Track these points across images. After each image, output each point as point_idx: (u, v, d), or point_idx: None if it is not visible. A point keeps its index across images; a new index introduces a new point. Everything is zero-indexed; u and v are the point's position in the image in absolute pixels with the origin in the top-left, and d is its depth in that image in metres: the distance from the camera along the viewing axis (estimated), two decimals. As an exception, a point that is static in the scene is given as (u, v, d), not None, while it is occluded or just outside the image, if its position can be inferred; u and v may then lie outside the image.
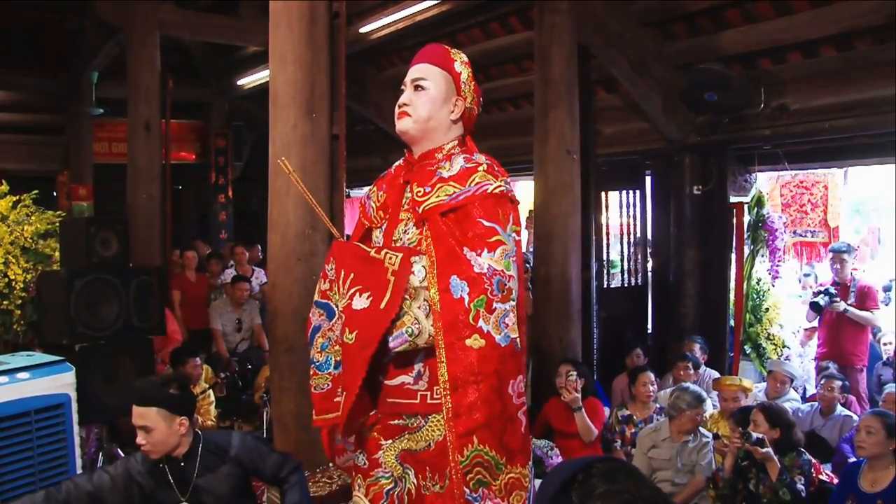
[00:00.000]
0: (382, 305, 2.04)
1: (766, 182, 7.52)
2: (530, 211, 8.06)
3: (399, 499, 2.20)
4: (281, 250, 4.09)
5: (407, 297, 2.05)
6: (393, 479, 2.20)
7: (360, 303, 2.06)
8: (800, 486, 3.85)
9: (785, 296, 7.41)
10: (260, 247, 8.95)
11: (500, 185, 2.16)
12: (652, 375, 5.40)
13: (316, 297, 2.27)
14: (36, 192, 4.33)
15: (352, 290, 2.08)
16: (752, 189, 7.18)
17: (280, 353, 4.13)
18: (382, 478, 2.21)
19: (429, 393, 2.14)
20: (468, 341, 2.00)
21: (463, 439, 2.00)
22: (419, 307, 2.05)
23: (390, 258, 2.09)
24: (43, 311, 3.96)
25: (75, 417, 3.29)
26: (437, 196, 2.15)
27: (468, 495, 2.01)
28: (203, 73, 11.35)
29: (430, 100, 2.24)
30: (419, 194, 2.19)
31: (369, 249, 2.16)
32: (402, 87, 2.31)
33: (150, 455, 2.82)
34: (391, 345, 2.05)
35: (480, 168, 2.18)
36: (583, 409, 4.96)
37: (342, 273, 2.13)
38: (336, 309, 2.22)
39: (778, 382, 5.40)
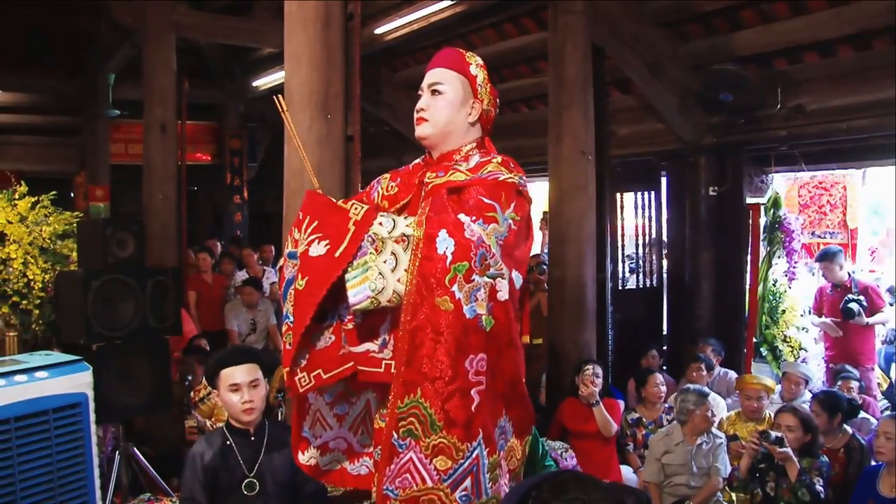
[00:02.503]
0: (337, 254, 2.00)
1: (783, 183, 7.47)
2: (544, 212, 8.03)
3: None
4: (295, 251, 4.08)
5: (372, 250, 2.01)
6: None
7: (317, 250, 2.03)
8: (819, 488, 3.82)
9: (801, 297, 7.35)
10: (273, 248, 8.98)
11: (511, 177, 2.16)
12: (661, 376, 5.40)
13: (289, 248, 2.18)
14: (54, 192, 4.35)
15: (312, 237, 2.06)
16: (768, 190, 7.14)
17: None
18: None
19: (393, 362, 2.13)
20: (438, 300, 1.97)
21: (407, 387, 2.00)
22: (384, 261, 2.00)
23: (356, 209, 2.08)
24: (60, 310, 3.99)
25: (92, 416, 3.30)
26: (448, 178, 2.18)
27: (394, 439, 2.02)
28: (218, 75, 11.41)
29: (447, 104, 2.25)
30: (431, 177, 2.23)
31: (337, 201, 2.15)
32: (419, 92, 2.32)
33: (251, 417, 2.91)
34: (352, 301, 1.99)
35: (494, 160, 2.20)
36: (601, 403, 4.95)
37: (306, 220, 2.10)
38: None
39: (792, 384, 5.36)
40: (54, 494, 3.09)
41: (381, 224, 2.05)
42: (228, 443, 2.92)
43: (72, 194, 11.16)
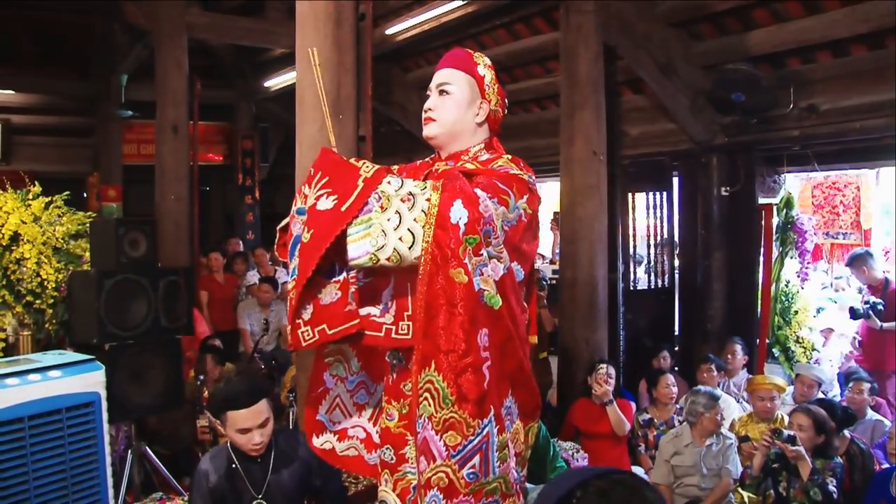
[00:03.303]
0: (343, 208, 2.00)
1: (797, 183, 7.42)
2: (555, 213, 8.03)
3: None
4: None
5: (378, 207, 1.99)
6: None
7: (325, 204, 2.04)
8: (832, 488, 3.80)
9: (814, 298, 7.31)
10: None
11: (521, 173, 2.17)
12: (672, 377, 5.38)
13: (298, 205, 2.18)
14: (67, 193, 4.37)
15: (321, 192, 2.06)
16: (780, 190, 7.10)
17: (306, 354, 4.14)
18: (409, 472, 2.20)
19: (394, 327, 2.15)
20: (452, 272, 1.96)
21: (424, 360, 1.99)
22: (388, 219, 1.98)
23: (367, 167, 2.09)
24: (73, 310, 4.01)
25: (105, 415, 3.32)
26: (458, 166, 2.20)
27: (417, 415, 2.02)
28: (230, 76, 11.45)
29: (455, 104, 2.26)
30: (440, 166, 2.26)
31: (351, 159, 2.16)
32: (427, 92, 2.33)
33: (259, 453, 2.84)
34: (350, 256, 1.99)
35: (504, 157, 2.22)
36: (614, 402, 4.94)
37: (318, 175, 2.11)
38: None
39: (805, 386, 5.33)
40: (67, 493, 3.11)
41: (389, 182, 2.05)
42: (234, 466, 2.86)
43: (85, 195, 11.22)
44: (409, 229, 1.98)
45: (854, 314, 6.05)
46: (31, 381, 3.07)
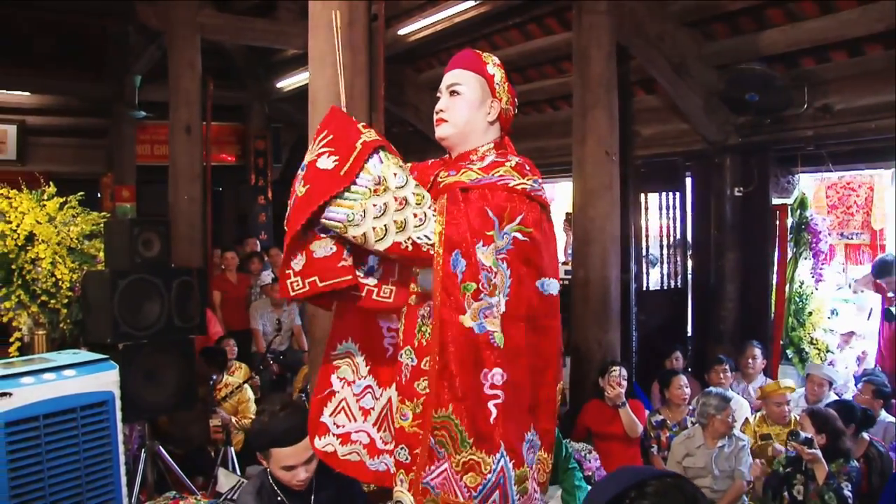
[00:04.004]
0: (342, 172, 2.08)
1: (810, 183, 7.38)
2: (568, 213, 8.01)
3: None
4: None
5: (372, 190, 2.08)
6: None
7: (325, 163, 2.11)
8: (847, 493, 3.77)
9: (829, 299, 7.26)
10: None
11: (523, 183, 2.17)
12: (685, 378, 5.36)
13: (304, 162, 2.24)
14: (81, 193, 4.40)
15: (323, 150, 2.14)
16: (794, 191, 7.06)
17: (318, 354, 4.14)
18: None
19: (376, 289, 2.25)
20: (462, 317, 2.05)
21: (440, 400, 2.07)
22: (374, 205, 2.07)
23: (369, 132, 2.17)
24: (88, 310, 4.04)
25: (119, 415, 3.34)
26: (459, 177, 2.20)
27: (432, 444, 2.08)
28: (243, 76, 11.48)
29: (466, 104, 2.27)
30: (443, 177, 2.27)
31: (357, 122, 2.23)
32: (438, 94, 2.34)
33: (303, 488, 2.74)
34: (327, 214, 2.08)
35: (508, 164, 2.21)
36: (627, 404, 4.93)
37: (323, 133, 2.18)
38: None
39: (816, 385, 5.30)
40: (82, 490, 3.13)
41: (394, 175, 2.12)
42: (280, 499, 2.76)
43: (99, 195, 11.28)
44: (385, 225, 2.07)
45: (889, 317, 6.00)
46: (45, 380, 3.10)
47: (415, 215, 2.09)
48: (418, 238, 2.09)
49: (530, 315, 2.16)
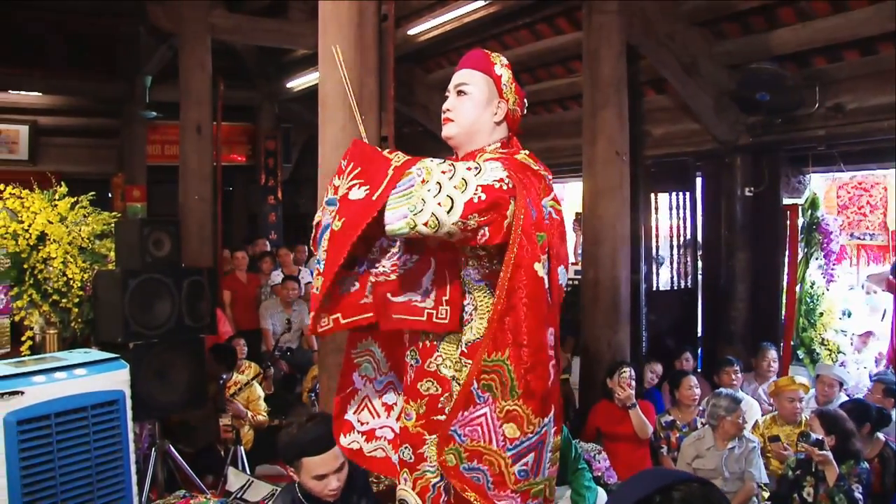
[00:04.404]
0: (374, 197, 2.05)
1: (821, 183, 7.34)
2: (577, 213, 8.00)
3: (445, 490, 2.19)
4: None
5: (419, 181, 1.96)
6: (439, 472, 2.19)
7: (357, 194, 2.10)
8: (857, 495, 3.74)
9: (840, 300, 7.22)
10: (306, 248, 9.04)
11: (540, 170, 2.21)
12: (694, 379, 5.34)
13: (328, 196, 2.21)
14: (92, 193, 4.42)
15: (353, 182, 2.13)
16: (805, 191, 7.02)
17: (328, 354, 4.15)
18: (428, 471, 2.21)
19: (435, 311, 2.17)
20: (536, 265, 2.01)
21: (496, 343, 2.00)
22: (428, 190, 1.93)
23: (398, 157, 2.14)
24: (99, 309, 4.05)
25: (129, 413, 3.36)
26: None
27: (474, 388, 2.02)
28: (253, 77, 11.51)
29: (472, 104, 2.28)
30: None
31: (383, 151, 2.21)
32: (446, 94, 2.35)
33: (335, 497, 2.73)
34: (387, 221, 1.94)
35: (522, 153, 2.25)
36: (637, 406, 4.92)
37: (350, 166, 2.18)
38: None
39: (826, 386, 5.27)
40: (93, 489, 3.15)
41: (431, 159, 2.08)
42: None
43: (110, 195, 11.32)
44: (448, 195, 1.93)
45: None
46: (57, 378, 3.12)
47: (468, 169, 1.98)
48: (486, 181, 1.96)
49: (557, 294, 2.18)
